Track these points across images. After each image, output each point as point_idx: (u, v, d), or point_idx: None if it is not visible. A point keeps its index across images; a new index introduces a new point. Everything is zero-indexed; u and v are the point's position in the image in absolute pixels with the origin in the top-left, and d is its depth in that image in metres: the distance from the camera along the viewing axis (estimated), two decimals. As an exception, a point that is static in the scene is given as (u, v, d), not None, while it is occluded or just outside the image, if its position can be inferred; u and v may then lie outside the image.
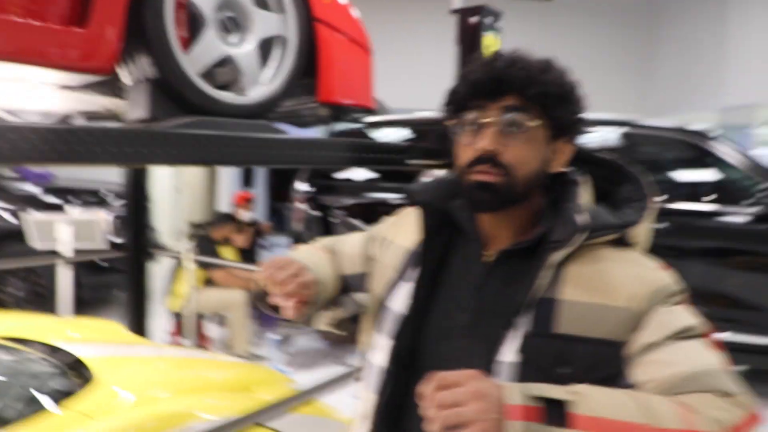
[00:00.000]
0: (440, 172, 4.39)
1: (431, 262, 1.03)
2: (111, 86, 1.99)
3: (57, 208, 5.40)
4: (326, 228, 4.77)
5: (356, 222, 4.65)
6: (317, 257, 1.16)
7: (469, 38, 2.55)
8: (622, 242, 0.97)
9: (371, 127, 4.78)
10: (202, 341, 4.86)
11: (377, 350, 1.05)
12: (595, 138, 4.59)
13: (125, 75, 1.74)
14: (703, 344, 0.88)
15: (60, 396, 1.74)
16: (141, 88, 1.73)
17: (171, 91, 1.70)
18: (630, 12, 11.62)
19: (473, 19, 2.54)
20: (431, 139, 3.79)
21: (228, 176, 11.36)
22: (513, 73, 0.92)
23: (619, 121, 4.46)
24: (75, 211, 4.21)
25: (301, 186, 4.92)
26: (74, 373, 1.87)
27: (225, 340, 5.12)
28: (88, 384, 1.81)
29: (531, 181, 0.96)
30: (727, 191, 4.41)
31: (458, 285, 1.01)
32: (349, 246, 1.22)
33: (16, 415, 1.61)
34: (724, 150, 4.23)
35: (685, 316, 0.91)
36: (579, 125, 0.98)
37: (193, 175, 12.34)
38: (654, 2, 11.54)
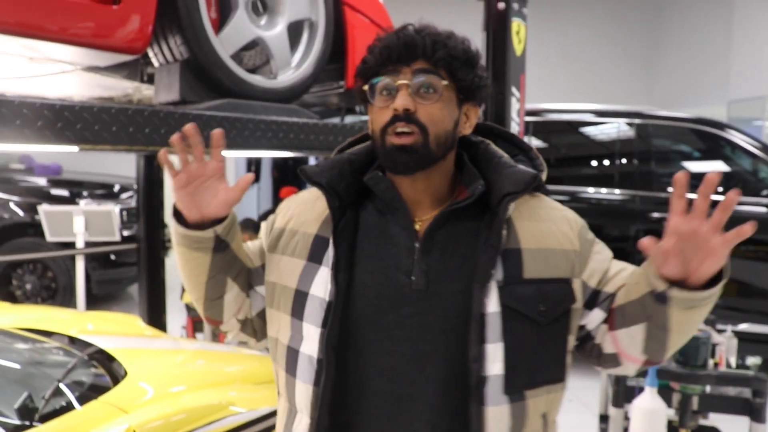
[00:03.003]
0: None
1: (345, 243, 1.03)
2: (135, 68, 1.94)
3: (65, 200, 5.33)
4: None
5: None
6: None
7: (496, 24, 2.51)
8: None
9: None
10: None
11: (305, 340, 1.01)
12: (608, 129, 4.53)
13: (154, 56, 1.68)
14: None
15: (91, 389, 1.69)
16: (171, 69, 1.67)
17: (202, 72, 1.65)
18: (636, 3, 11.58)
19: (501, 5, 2.49)
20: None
21: (233, 169, 11.13)
22: (421, 38, 0.99)
23: (631, 112, 4.40)
24: (87, 203, 4.15)
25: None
26: (103, 366, 1.82)
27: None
28: (121, 377, 1.76)
29: (444, 140, 1.01)
30: (744, 181, 4.36)
31: (394, 254, 1.01)
32: (250, 244, 1.21)
33: (49, 409, 1.56)
34: (740, 140, 4.17)
35: (604, 250, 1.08)
36: (483, 91, 1.05)
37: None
38: (660, -6, 11.50)
